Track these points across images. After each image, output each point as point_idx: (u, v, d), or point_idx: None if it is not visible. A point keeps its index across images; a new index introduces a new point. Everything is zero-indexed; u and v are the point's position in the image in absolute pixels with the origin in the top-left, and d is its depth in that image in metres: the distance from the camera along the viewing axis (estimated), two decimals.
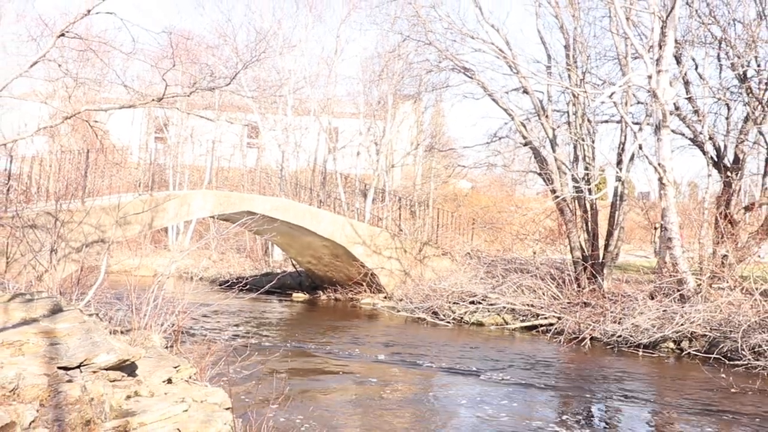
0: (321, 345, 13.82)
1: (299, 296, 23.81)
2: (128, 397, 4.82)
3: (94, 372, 4.95)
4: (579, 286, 18.38)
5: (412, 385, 10.56)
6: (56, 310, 5.93)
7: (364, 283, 21.86)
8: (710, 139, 19.56)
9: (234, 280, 13.92)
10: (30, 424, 3.98)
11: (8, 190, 11.82)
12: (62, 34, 10.77)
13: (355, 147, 31.52)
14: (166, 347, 7.01)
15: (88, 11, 10.91)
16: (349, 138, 32.86)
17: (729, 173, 19.06)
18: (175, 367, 5.67)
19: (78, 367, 4.94)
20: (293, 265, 26.71)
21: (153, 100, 11.66)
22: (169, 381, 5.45)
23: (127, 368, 5.31)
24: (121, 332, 6.85)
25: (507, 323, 17.63)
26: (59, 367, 4.82)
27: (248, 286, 16.08)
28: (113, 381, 4.97)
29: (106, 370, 5.06)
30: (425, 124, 38.96)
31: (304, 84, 32.24)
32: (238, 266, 29.68)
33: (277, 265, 29.82)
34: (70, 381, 4.66)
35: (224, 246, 30.91)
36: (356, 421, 8.02)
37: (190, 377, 5.72)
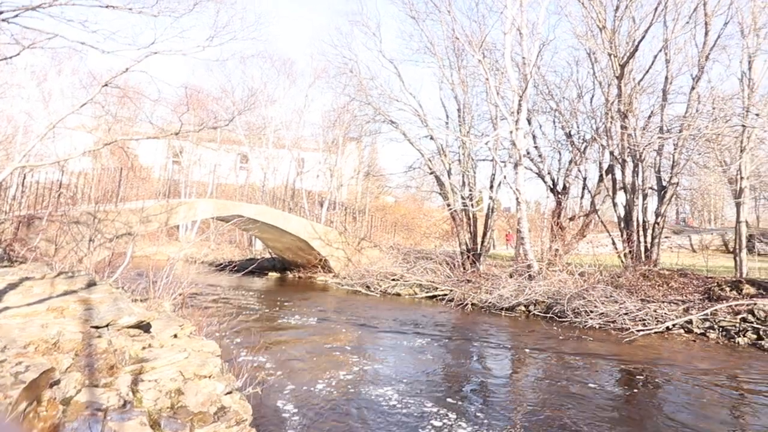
0: (286, 308, 13.49)
1: (273, 275, 23.22)
2: (143, 348, 4.51)
3: (119, 330, 4.62)
4: (464, 268, 18.62)
5: (350, 336, 10.43)
6: (91, 284, 5.53)
7: (319, 266, 21.53)
8: (548, 173, 20.25)
9: (226, 264, 13.46)
10: (66, 369, 3.66)
11: (59, 195, 11.03)
12: (106, 84, 10.15)
13: (316, 171, 31.20)
14: (174, 311, 6.64)
15: (126, 69, 10.33)
16: (312, 165, 32.51)
17: (560, 196, 19.77)
18: (180, 326, 5.35)
19: (106, 326, 4.61)
20: (269, 253, 26.06)
21: (171, 134, 11.13)
22: (175, 336, 5.13)
23: (144, 327, 4.99)
24: (141, 300, 6.44)
25: (416, 294, 17.67)
26: (92, 326, 4.48)
27: (236, 268, 15.66)
28: (133, 336, 4.64)
29: (128, 328, 4.73)
30: (364, 157, 38.93)
31: (281, 127, 31.70)
32: (229, 253, 28.73)
33: (258, 253, 29.02)
34: (99, 337, 4.33)
35: (220, 239, 29.88)
36: (308, 362, 7.82)
37: (191, 333, 5.41)
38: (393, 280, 18.60)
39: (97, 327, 4.47)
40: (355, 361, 8.13)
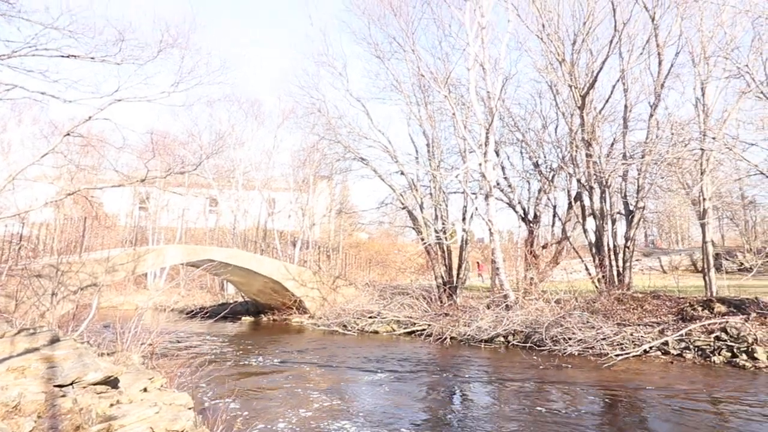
0: (261, 353, 13.15)
1: (247, 319, 22.69)
2: (111, 405, 4.35)
3: (84, 387, 4.45)
4: (441, 302, 18.64)
5: (327, 378, 10.22)
6: (54, 340, 5.34)
7: (294, 307, 21.20)
8: (519, 203, 20.72)
9: (197, 310, 13.12)
10: None
11: (19, 248, 10.67)
12: (68, 134, 10.08)
13: (287, 212, 31.19)
14: (143, 363, 6.41)
15: (89, 117, 10.30)
16: (283, 205, 32.50)
17: (531, 225, 20.19)
18: (150, 379, 5.19)
19: (71, 384, 4.44)
20: (242, 297, 25.57)
21: (137, 181, 11.04)
22: (145, 390, 4.98)
23: (112, 382, 4.82)
24: (107, 354, 6.21)
25: (395, 330, 17.52)
26: (55, 385, 4.32)
27: (208, 314, 15.30)
28: (99, 393, 4.48)
29: (94, 384, 4.57)
30: (336, 195, 39.16)
31: (250, 168, 31.80)
32: (200, 299, 28.00)
33: (230, 297, 28.40)
34: (63, 396, 4.17)
35: (191, 285, 29.17)
36: (285, 408, 7.61)
37: (161, 386, 5.25)
38: (370, 317, 18.43)
39: (61, 386, 4.30)
40: (333, 404, 7.95)
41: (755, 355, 10.82)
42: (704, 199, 15.48)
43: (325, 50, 28.89)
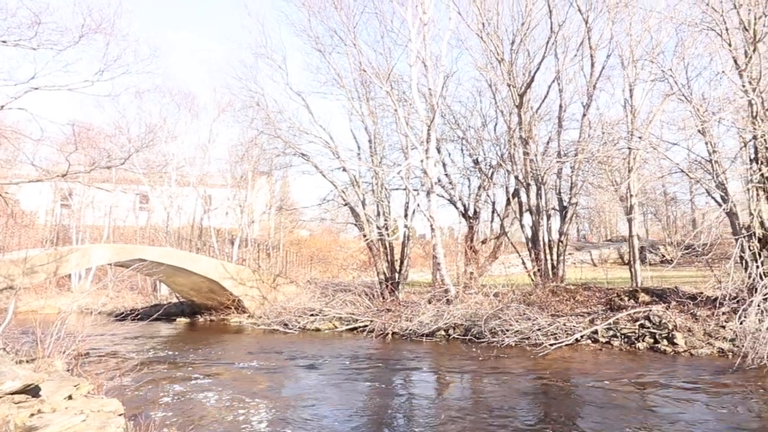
0: (197, 355, 12.73)
1: (182, 320, 21.82)
2: (32, 414, 4.10)
3: (1, 397, 4.17)
4: (383, 298, 18.81)
5: (267, 378, 10.07)
6: None
7: (232, 307, 20.66)
8: (459, 199, 21.27)
9: (128, 312, 12.51)
10: None
11: None
12: None
13: (225, 209, 30.26)
14: (68, 370, 6.06)
15: (2, 107, 9.57)
16: (220, 202, 31.49)
17: (471, 221, 20.81)
18: (75, 386, 4.93)
19: None
20: (177, 297, 24.60)
21: (58, 175, 10.39)
22: (70, 397, 4.72)
23: (32, 391, 4.53)
24: (27, 361, 5.82)
25: (337, 327, 17.48)
26: None
27: (140, 316, 14.62)
28: (18, 403, 4.21)
29: (12, 394, 4.29)
30: (276, 191, 38.41)
31: (184, 164, 30.52)
32: (131, 301, 26.62)
33: (164, 298, 27.19)
34: None
35: (120, 286, 27.61)
36: (223, 411, 7.44)
37: (88, 392, 5.00)
38: (312, 315, 18.29)
39: None
40: (273, 405, 7.87)
41: (675, 340, 11.78)
42: (631, 196, 16.58)
43: (264, 42, 28.11)
